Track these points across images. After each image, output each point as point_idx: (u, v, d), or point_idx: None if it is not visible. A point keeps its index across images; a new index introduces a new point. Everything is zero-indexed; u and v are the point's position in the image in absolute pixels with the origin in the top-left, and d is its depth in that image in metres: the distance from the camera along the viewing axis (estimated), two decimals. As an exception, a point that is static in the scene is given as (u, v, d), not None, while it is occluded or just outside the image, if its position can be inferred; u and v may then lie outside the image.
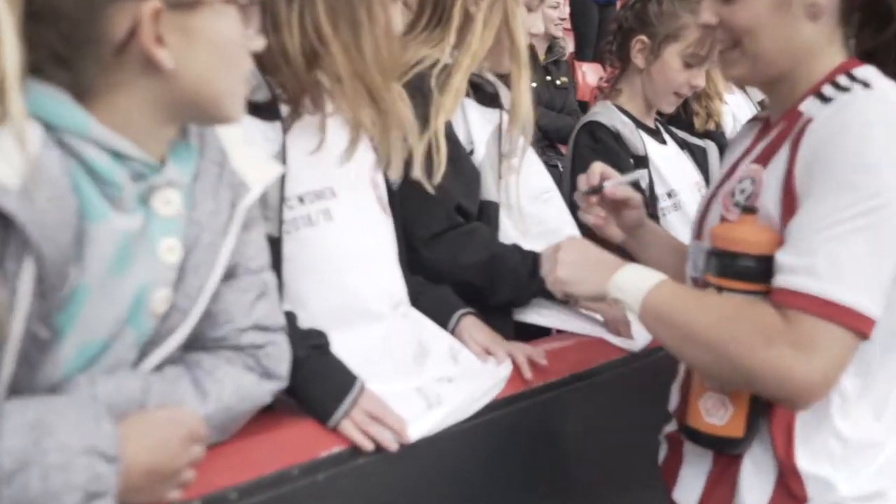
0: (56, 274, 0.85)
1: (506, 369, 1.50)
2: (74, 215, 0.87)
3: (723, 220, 1.23)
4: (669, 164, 2.25)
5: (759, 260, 1.12)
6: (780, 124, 1.20)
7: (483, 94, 1.82)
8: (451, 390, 1.37)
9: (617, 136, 2.15)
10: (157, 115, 0.94)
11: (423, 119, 1.65)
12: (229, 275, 1.07)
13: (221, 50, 0.94)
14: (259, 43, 1.01)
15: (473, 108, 1.80)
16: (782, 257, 1.09)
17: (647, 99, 2.26)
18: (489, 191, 1.77)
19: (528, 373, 1.53)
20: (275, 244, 1.21)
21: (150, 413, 0.95)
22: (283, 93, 1.27)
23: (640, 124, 2.25)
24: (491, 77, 1.84)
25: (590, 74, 6.56)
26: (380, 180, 1.46)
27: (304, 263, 1.27)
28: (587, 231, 1.90)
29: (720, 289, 1.15)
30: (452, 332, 1.55)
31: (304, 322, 1.25)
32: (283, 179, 1.25)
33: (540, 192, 1.90)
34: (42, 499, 0.81)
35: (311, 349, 1.19)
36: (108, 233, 0.90)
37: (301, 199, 1.28)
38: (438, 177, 1.62)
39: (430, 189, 1.60)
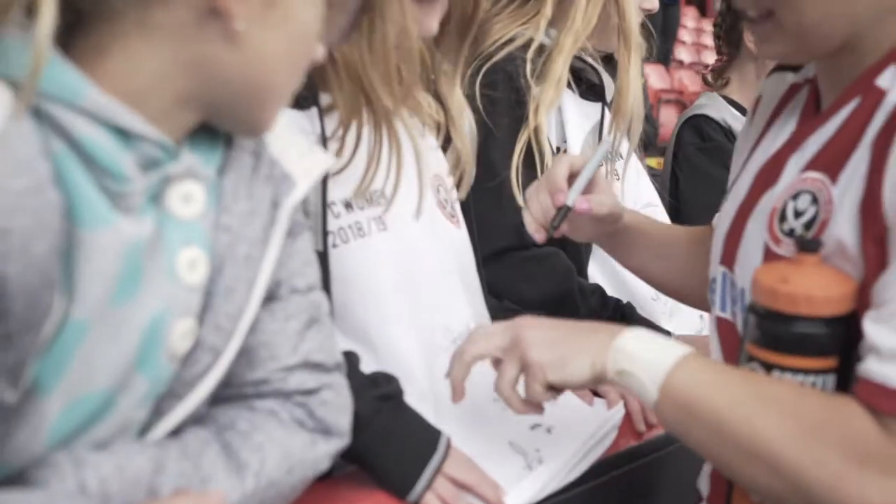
0: (28, 307, 0.58)
1: (618, 413, 1.23)
2: (58, 217, 0.59)
3: (769, 253, 0.85)
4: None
5: (830, 324, 0.76)
6: (844, 107, 0.83)
7: (584, 82, 1.53)
8: (551, 443, 1.10)
9: (728, 132, 1.85)
10: (181, 93, 0.66)
11: (515, 113, 1.39)
12: (270, 296, 0.80)
13: (296, 38, 0.70)
14: (320, 52, 0.74)
15: (570, 100, 1.52)
16: (876, 332, 0.73)
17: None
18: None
19: (642, 424, 1.25)
20: (321, 260, 0.94)
21: (160, 502, 0.68)
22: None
23: (751, 116, 1.93)
24: (595, 63, 1.54)
25: (652, 76, 6.29)
26: (448, 181, 1.20)
27: (358, 283, 1.02)
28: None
29: (768, 366, 0.79)
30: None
31: (365, 361, 1.00)
32: (324, 180, 0.99)
33: (644, 205, 1.61)
34: None
35: (380, 401, 0.95)
36: (111, 244, 0.63)
37: (348, 205, 1.03)
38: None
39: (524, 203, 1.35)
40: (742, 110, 1.92)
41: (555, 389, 0.90)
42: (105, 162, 0.62)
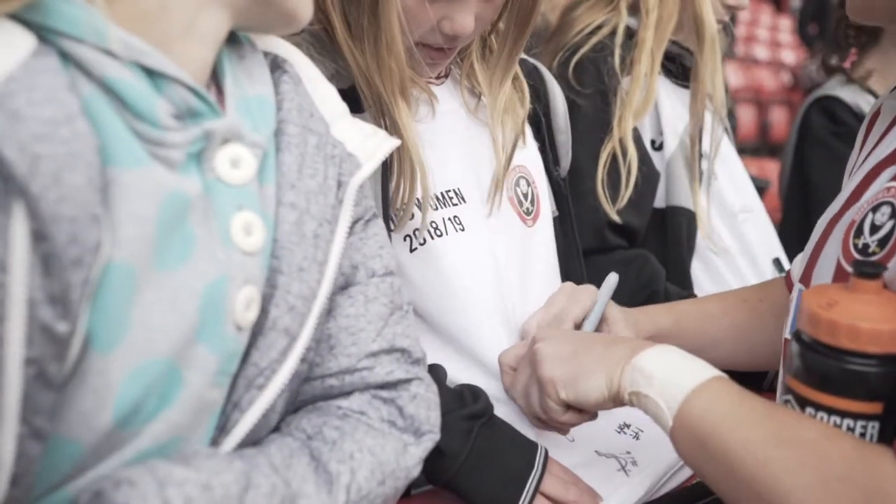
0: (72, 239, 0.53)
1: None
2: (91, 151, 0.55)
3: (839, 271, 0.76)
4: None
5: (880, 363, 0.64)
6: None
7: (680, 68, 1.43)
8: (641, 447, 1.01)
9: (861, 118, 1.69)
10: None
11: (601, 118, 1.31)
12: (348, 282, 0.75)
13: None
14: None
15: (665, 87, 1.42)
16: None
17: None
18: (680, 195, 1.39)
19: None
20: None
21: None
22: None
23: (890, 106, 1.77)
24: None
25: (730, 76, 6.13)
26: (534, 172, 1.10)
27: (438, 288, 0.94)
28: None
29: (802, 401, 0.68)
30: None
31: (450, 367, 0.93)
32: (385, 184, 0.92)
33: (739, 209, 1.50)
34: None
35: (470, 421, 0.86)
36: (147, 185, 0.58)
37: (419, 204, 0.95)
38: (623, 201, 1.29)
39: (612, 215, 1.28)
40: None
41: (579, 410, 0.84)
42: (136, 103, 0.58)
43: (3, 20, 0.55)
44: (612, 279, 1.05)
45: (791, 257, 1.50)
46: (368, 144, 0.76)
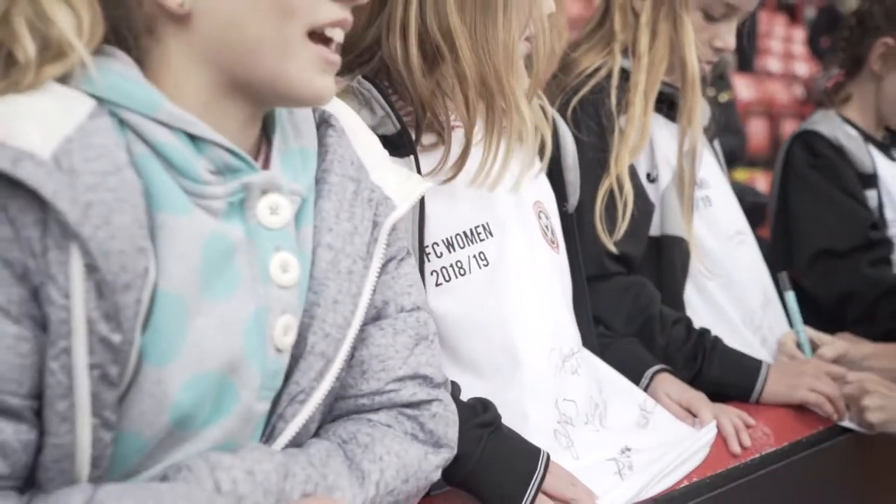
0: (119, 267, 0.68)
1: (710, 432, 1.27)
2: (139, 196, 0.70)
3: None
4: (903, 185, 1.89)
5: None
6: None
7: (673, 106, 1.56)
8: (643, 458, 1.14)
9: (839, 151, 1.83)
10: (207, 79, 0.77)
11: (598, 156, 1.44)
12: (379, 315, 0.89)
13: None
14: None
15: (660, 123, 1.56)
16: None
17: (879, 111, 1.91)
18: (674, 224, 1.52)
19: (736, 446, 1.28)
20: None
21: (290, 503, 0.76)
22: (407, 114, 1.09)
23: (867, 137, 1.90)
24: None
25: (741, 87, 6.14)
26: (549, 206, 1.25)
27: (458, 321, 1.09)
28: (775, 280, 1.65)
29: None
30: (646, 391, 1.33)
31: (474, 388, 1.06)
32: (422, 225, 1.06)
33: (733, 233, 1.63)
34: None
35: (481, 428, 1.00)
36: (188, 229, 0.73)
37: (449, 245, 1.10)
38: (620, 232, 1.42)
39: (610, 246, 1.41)
40: (859, 130, 1.90)
41: None
42: (179, 163, 0.74)
43: (72, 90, 0.72)
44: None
45: (776, 281, 1.64)
46: (404, 188, 0.90)
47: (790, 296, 1.58)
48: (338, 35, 0.80)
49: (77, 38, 0.71)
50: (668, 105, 1.56)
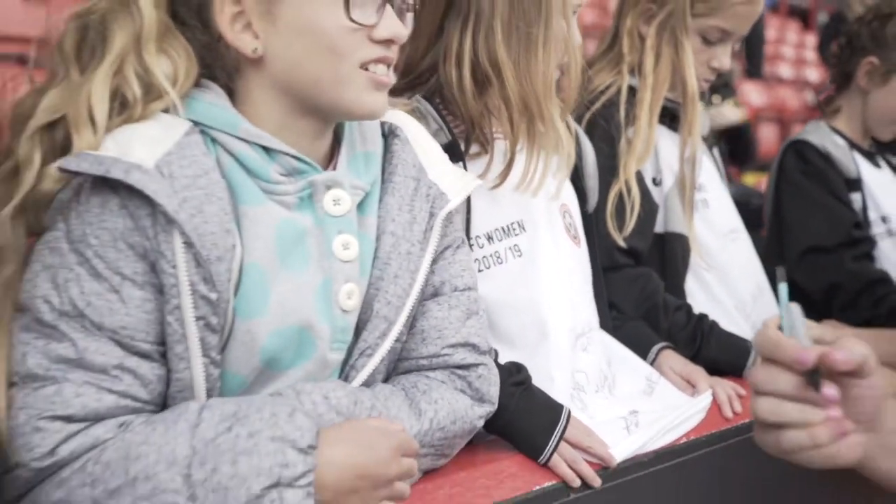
0: (207, 244, 0.91)
1: (706, 399, 1.49)
2: (224, 192, 0.94)
3: None
4: (884, 189, 2.10)
5: None
6: None
7: (675, 118, 1.79)
8: (648, 418, 1.36)
9: (827, 158, 2.05)
10: (282, 105, 1.00)
11: (608, 164, 1.65)
12: (437, 293, 1.11)
13: (313, 36, 0.96)
14: (388, 27, 1.00)
15: (664, 134, 1.78)
16: None
17: (866, 122, 2.13)
18: (676, 222, 1.74)
19: (729, 411, 1.50)
20: None
21: (358, 420, 0.97)
22: (456, 127, 1.31)
23: (853, 146, 2.13)
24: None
25: (752, 94, 6.21)
26: (573, 207, 1.47)
27: (496, 301, 1.30)
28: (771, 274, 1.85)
29: None
30: (652, 365, 1.55)
31: (506, 356, 1.28)
32: (468, 220, 1.27)
33: (728, 231, 1.85)
34: (231, 482, 0.85)
35: (514, 387, 1.21)
36: (264, 217, 0.97)
37: (489, 238, 1.31)
38: (628, 230, 1.63)
39: (620, 242, 1.62)
40: (846, 139, 2.12)
41: None
42: (254, 168, 0.98)
43: (174, 117, 0.95)
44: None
45: (770, 275, 1.85)
46: (458, 184, 1.13)
47: (783, 286, 1.79)
48: (391, 58, 1.02)
49: (171, 84, 0.96)
50: (670, 118, 1.77)
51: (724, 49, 1.76)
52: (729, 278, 1.79)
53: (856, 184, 2.05)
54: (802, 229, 2.02)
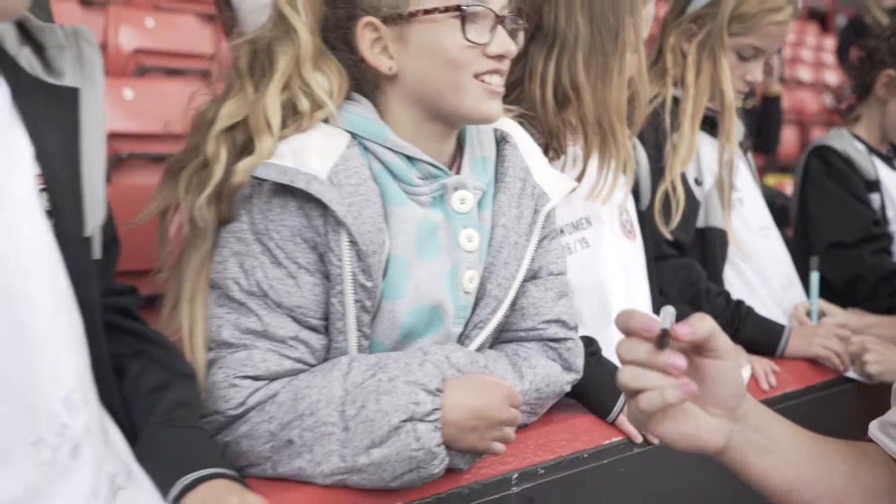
0: (367, 241, 1.12)
1: (745, 373, 1.71)
2: (377, 197, 1.15)
3: None
4: (901, 189, 2.32)
5: None
6: None
7: (714, 125, 2.00)
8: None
9: (848, 161, 2.26)
10: (414, 114, 1.20)
11: (655, 166, 1.86)
12: (535, 276, 1.30)
13: (436, 53, 1.16)
14: (499, 44, 1.18)
15: (705, 142, 2.00)
16: None
17: (884, 129, 2.35)
18: (717, 218, 1.96)
19: (765, 384, 1.72)
20: None
21: (474, 374, 1.18)
22: (538, 136, 1.51)
23: (872, 150, 2.34)
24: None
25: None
26: (630, 206, 1.69)
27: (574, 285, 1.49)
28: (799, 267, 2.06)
29: None
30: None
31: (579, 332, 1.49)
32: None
33: (759, 227, 2.07)
34: (375, 416, 1.07)
35: (589, 356, 1.43)
36: (408, 215, 1.18)
37: (561, 231, 1.51)
38: (674, 224, 1.84)
39: (667, 235, 1.84)
40: (865, 144, 2.33)
41: None
42: (399, 174, 1.19)
43: (333, 127, 1.16)
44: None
45: (799, 268, 2.06)
46: (556, 186, 1.34)
47: (815, 275, 2.00)
48: (503, 70, 1.22)
49: (328, 98, 1.17)
50: (710, 125, 1.99)
51: (756, 64, 1.98)
52: (762, 269, 2.01)
53: (875, 185, 2.27)
54: (826, 226, 2.23)
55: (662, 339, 0.80)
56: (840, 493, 0.92)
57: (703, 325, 0.82)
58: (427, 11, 1.16)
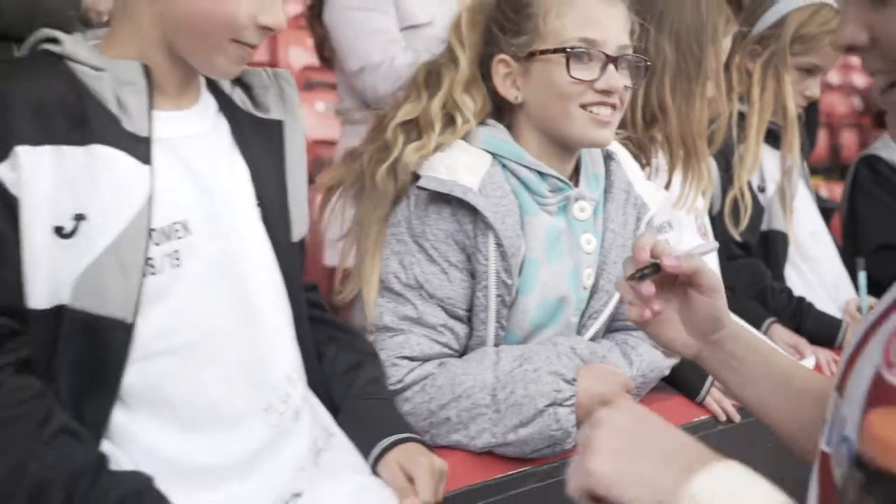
0: (510, 245, 1.33)
1: (810, 362, 1.90)
2: (516, 208, 1.35)
3: (878, 381, 0.74)
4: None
5: None
6: None
7: (777, 138, 2.19)
8: None
9: (894, 169, 2.44)
10: (538, 136, 1.40)
11: (726, 174, 2.06)
12: None
13: (550, 86, 1.36)
14: (606, 81, 1.34)
15: (768, 151, 2.19)
16: None
17: None
18: (779, 222, 2.15)
19: (828, 373, 1.91)
20: None
21: (596, 364, 1.38)
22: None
23: (921, 159, 2.51)
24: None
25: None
26: (703, 211, 1.88)
27: None
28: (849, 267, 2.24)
29: None
30: (764, 335, 1.96)
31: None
32: None
33: (811, 232, 2.26)
34: (523, 401, 1.28)
35: None
36: (540, 223, 1.37)
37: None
38: (742, 227, 2.04)
39: (736, 236, 2.03)
40: None
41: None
42: (534, 188, 1.39)
43: (475, 147, 1.37)
44: (713, 245, 1.25)
45: (849, 272, 2.25)
46: (654, 196, 1.54)
47: (862, 274, 2.19)
48: (609, 102, 1.40)
49: (473, 117, 1.38)
50: (773, 138, 2.18)
51: (815, 80, 2.17)
52: (819, 269, 2.19)
53: (920, 194, 2.45)
54: (874, 229, 2.41)
55: (644, 273, 0.99)
56: (806, 415, 0.98)
57: (689, 262, 0.99)
58: (543, 52, 1.36)
